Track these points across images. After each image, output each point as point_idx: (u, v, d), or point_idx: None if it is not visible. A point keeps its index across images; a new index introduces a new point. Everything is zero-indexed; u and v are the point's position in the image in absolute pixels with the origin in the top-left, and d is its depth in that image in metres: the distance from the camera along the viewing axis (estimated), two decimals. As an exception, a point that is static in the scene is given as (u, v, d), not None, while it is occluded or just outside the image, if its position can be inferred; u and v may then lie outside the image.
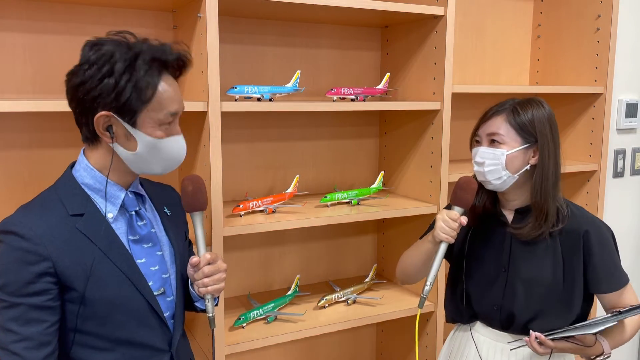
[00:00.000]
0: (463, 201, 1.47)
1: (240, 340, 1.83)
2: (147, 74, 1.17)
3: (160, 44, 1.22)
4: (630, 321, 1.50)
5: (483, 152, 1.50)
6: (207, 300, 1.31)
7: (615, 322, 1.44)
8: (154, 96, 1.18)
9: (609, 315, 1.43)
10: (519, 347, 1.52)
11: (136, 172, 1.26)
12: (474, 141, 1.56)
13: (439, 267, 1.49)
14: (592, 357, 1.48)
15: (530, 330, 1.45)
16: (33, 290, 1.13)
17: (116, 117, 1.17)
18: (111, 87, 1.15)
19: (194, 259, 1.29)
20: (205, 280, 1.29)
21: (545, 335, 1.43)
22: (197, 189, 1.29)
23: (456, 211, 1.48)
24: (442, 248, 1.49)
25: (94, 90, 1.16)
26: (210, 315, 1.32)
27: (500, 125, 1.48)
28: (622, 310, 1.43)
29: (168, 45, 1.23)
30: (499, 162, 1.47)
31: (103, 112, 1.17)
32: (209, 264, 1.29)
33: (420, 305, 1.50)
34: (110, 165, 1.23)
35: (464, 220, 1.47)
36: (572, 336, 1.43)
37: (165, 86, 1.20)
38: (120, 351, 1.23)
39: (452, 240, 1.48)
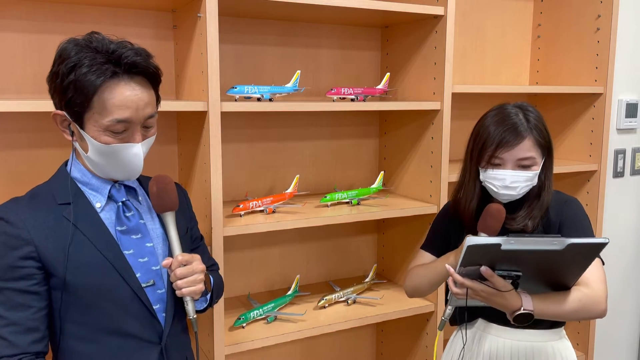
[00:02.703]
0: (492, 229, 1.46)
1: (240, 340, 1.83)
2: (89, 73, 1.13)
3: (126, 48, 1.17)
4: (573, 296, 1.41)
5: (515, 177, 1.46)
6: (186, 303, 1.28)
7: (559, 247, 1.26)
8: (93, 98, 1.14)
9: (553, 235, 1.29)
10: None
11: (99, 175, 1.25)
12: (491, 163, 1.48)
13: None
14: (512, 313, 1.37)
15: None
16: (18, 275, 1.15)
17: (68, 116, 1.19)
18: (58, 86, 1.16)
19: (165, 261, 1.26)
20: (179, 282, 1.25)
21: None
22: (161, 189, 1.26)
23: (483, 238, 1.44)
24: None
25: (50, 89, 1.20)
26: (191, 317, 1.28)
27: (530, 149, 1.45)
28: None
29: (131, 50, 1.17)
30: (531, 183, 1.48)
31: (57, 111, 1.20)
32: (183, 265, 1.26)
33: (440, 327, 1.50)
34: (71, 161, 1.26)
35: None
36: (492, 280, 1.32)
37: (114, 91, 1.15)
38: (107, 342, 1.23)
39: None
